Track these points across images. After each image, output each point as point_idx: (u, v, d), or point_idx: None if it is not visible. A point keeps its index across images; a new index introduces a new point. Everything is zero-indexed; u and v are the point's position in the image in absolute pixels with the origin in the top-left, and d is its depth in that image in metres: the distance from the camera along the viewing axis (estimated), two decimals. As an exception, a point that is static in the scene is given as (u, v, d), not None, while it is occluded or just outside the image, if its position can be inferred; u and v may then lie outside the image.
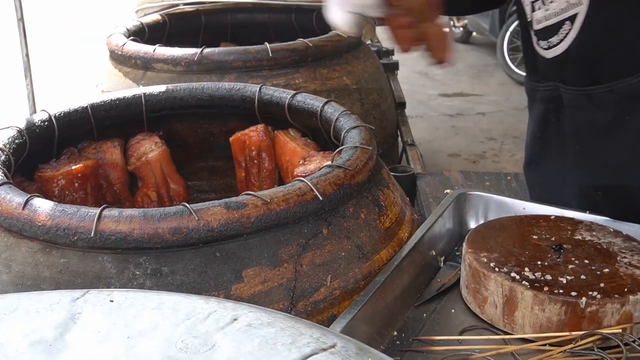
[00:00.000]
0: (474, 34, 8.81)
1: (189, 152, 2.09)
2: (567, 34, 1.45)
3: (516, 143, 5.02)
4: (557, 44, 1.49)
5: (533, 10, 1.53)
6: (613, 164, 1.55)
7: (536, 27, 1.54)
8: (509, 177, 2.11)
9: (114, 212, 1.22)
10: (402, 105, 3.39)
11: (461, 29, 8.91)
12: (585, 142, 1.57)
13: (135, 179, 1.95)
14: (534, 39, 1.56)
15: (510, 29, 7.22)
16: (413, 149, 2.79)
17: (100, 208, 1.23)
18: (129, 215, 1.21)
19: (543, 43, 1.54)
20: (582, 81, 1.51)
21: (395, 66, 3.97)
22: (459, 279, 1.44)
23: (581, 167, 1.60)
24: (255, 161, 1.92)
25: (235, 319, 0.79)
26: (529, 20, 1.56)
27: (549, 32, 1.50)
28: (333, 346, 0.75)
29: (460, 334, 1.31)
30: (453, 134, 5.64)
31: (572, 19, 1.44)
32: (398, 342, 1.29)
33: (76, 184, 1.71)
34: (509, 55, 7.18)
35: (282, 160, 1.88)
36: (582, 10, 1.41)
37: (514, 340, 1.27)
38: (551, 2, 1.46)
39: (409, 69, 7.56)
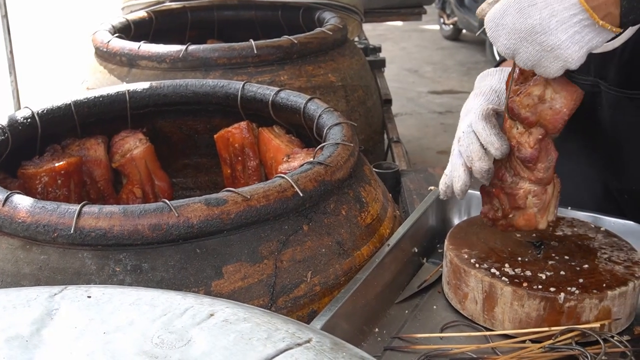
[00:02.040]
0: (464, 31, 8.81)
1: (174, 149, 2.09)
2: (621, 32, 1.33)
3: (504, 140, 4.98)
4: (609, 40, 1.37)
5: None
6: None
7: None
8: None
9: (94, 208, 1.22)
10: (388, 102, 3.39)
11: (451, 26, 8.91)
12: (622, 144, 1.52)
13: (119, 176, 1.95)
14: None
15: (499, 26, 7.21)
16: (398, 145, 2.79)
17: (80, 204, 1.22)
18: (108, 212, 1.21)
19: None
20: (626, 82, 1.45)
21: (382, 63, 3.97)
22: (440, 275, 1.44)
23: (611, 168, 1.55)
24: (240, 158, 1.92)
25: (211, 315, 0.79)
26: None
27: None
28: (308, 341, 0.75)
29: (442, 330, 1.31)
30: (442, 131, 5.64)
31: None
32: (379, 339, 1.29)
33: (59, 181, 1.71)
34: (498, 52, 7.19)
35: (266, 157, 1.88)
36: None
37: (495, 337, 1.28)
38: None
39: (399, 67, 7.57)
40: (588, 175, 1.60)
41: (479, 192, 1.64)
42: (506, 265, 1.31)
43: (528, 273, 1.28)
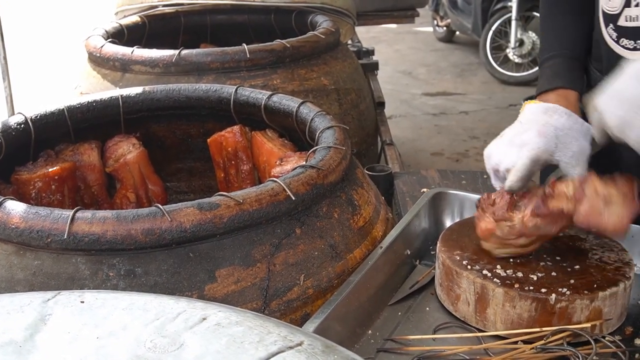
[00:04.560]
0: (457, 33, 8.83)
1: (167, 154, 2.09)
2: None
3: (498, 142, 5.00)
4: None
5: (628, 5, 1.37)
6: None
7: (624, 23, 1.39)
8: (485, 176, 2.12)
9: (87, 213, 1.23)
10: (381, 105, 3.40)
11: (444, 28, 8.93)
12: None
13: (113, 181, 1.95)
14: (612, 33, 1.42)
15: (493, 28, 7.24)
16: (391, 148, 2.80)
17: (73, 210, 1.23)
18: (102, 217, 1.22)
19: (627, 42, 1.40)
20: None
21: (375, 66, 3.98)
22: (433, 277, 1.45)
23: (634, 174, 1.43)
24: (233, 162, 1.93)
25: (204, 319, 0.79)
26: (612, 12, 1.42)
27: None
28: (300, 344, 0.76)
29: (435, 331, 1.32)
30: (436, 132, 5.65)
31: None
32: (372, 341, 1.30)
33: (53, 187, 1.71)
34: (491, 54, 7.20)
35: (259, 160, 1.89)
36: None
37: (487, 338, 1.28)
38: None
39: (393, 69, 7.58)
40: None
41: (472, 195, 1.66)
42: (498, 266, 1.32)
43: (519, 274, 1.29)
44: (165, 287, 1.22)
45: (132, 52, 2.42)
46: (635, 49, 1.39)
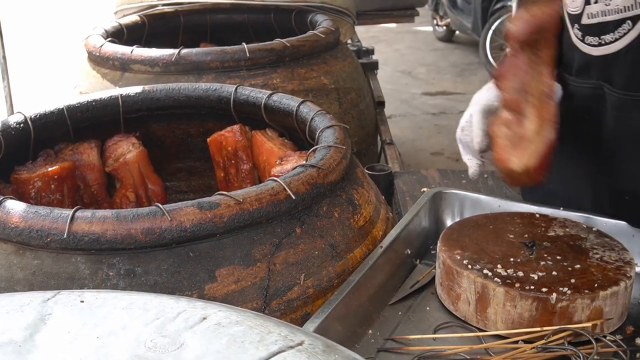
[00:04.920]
0: (457, 32, 8.83)
1: (167, 153, 2.09)
2: (625, 33, 1.37)
3: (498, 141, 4.99)
4: (612, 42, 1.41)
5: (588, 3, 1.43)
6: None
7: (586, 21, 1.44)
8: (485, 175, 2.12)
9: (87, 213, 1.22)
10: (381, 104, 3.40)
11: (444, 28, 8.93)
12: (624, 147, 1.49)
13: (112, 180, 1.95)
14: (577, 32, 1.47)
15: (493, 27, 7.24)
16: (391, 147, 2.80)
17: (73, 209, 1.23)
18: (102, 216, 1.21)
19: (591, 39, 1.45)
20: (631, 85, 1.42)
21: (375, 65, 3.98)
22: (434, 277, 1.45)
23: (613, 170, 1.53)
24: (233, 161, 1.92)
25: (204, 318, 0.79)
26: (575, 12, 1.47)
27: (603, 28, 1.42)
28: (300, 344, 0.75)
29: (435, 331, 1.32)
30: (436, 132, 5.65)
31: (634, 19, 1.36)
32: (373, 340, 1.29)
33: (53, 186, 1.71)
34: (491, 53, 7.20)
35: (259, 160, 1.88)
36: None
37: (487, 337, 1.28)
38: None
39: (392, 68, 7.58)
40: (589, 176, 1.59)
41: (472, 194, 1.66)
42: (498, 266, 1.31)
43: (520, 274, 1.29)
44: (165, 287, 1.22)
45: (131, 52, 2.42)
46: (599, 44, 1.42)
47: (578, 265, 1.31)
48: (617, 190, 1.54)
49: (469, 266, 1.32)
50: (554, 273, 1.29)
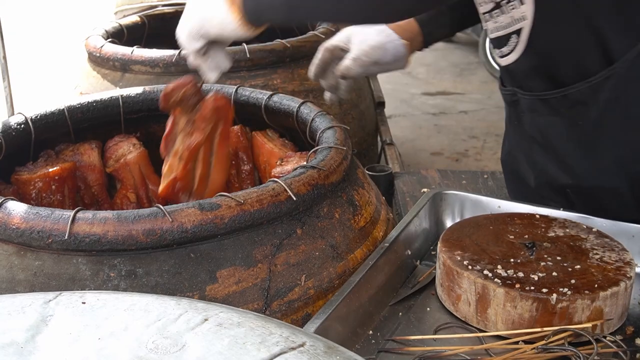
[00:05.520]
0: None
1: (168, 154, 2.08)
2: (515, 45, 1.52)
3: (498, 141, 5.03)
4: (508, 53, 1.55)
5: (486, 20, 1.58)
6: (574, 165, 1.58)
7: (490, 35, 1.60)
8: (485, 176, 2.13)
9: (88, 214, 1.22)
10: (381, 104, 3.40)
11: (443, 27, 8.90)
12: (546, 144, 1.61)
13: (113, 181, 1.95)
14: (491, 46, 1.63)
15: (492, 27, 7.23)
16: (391, 148, 2.80)
17: (74, 210, 1.23)
18: (103, 217, 1.22)
19: (497, 51, 1.59)
20: (536, 87, 1.56)
21: (375, 66, 3.97)
22: (434, 277, 1.45)
23: (547, 166, 1.63)
24: (234, 162, 1.92)
25: (205, 320, 0.79)
26: (486, 28, 1.61)
27: (500, 42, 1.56)
28: (302, 345, 0.76)
29: (435, 331, 1.32)
30: (436, 132, 5.65)
31: (518, 32, 1.49)
32: (373, 341, 1.30)
33: (53, 187, 1.71)
34: (491, 53, 7.19)
35: (260, 160, 1.88)
36: (526, 25, 1.47)
37: (488, 338, 1.28)
38: (498, 16, 1.51)
39: (392, 68, 7.56)
40: (532, 173, 1.68)
41: (472, 195, 1.66)
42: (499, 266, 1.32)
43: (520, 274, 1.29)
44: (167, 288, 1.22)
45: (132, 52, 2.43)
46: (503, 56, 1.58)
47: (578, 266, 1.32)
48: (557, 184, 1.62)
49: (469, 267, 1.32)
50: (554, 274, 1.29)
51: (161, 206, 1.24)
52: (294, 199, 1.32)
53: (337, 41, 1.76)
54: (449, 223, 1.65)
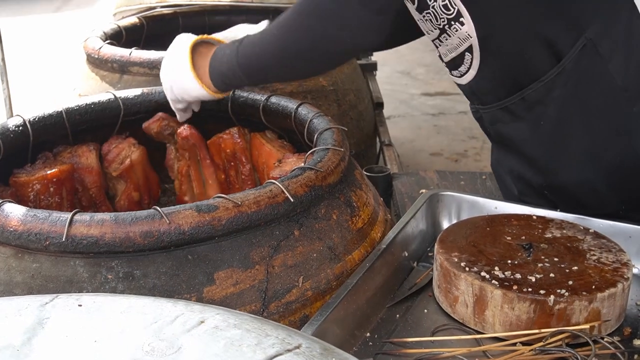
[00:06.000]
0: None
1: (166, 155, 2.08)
2: (471, 62, 1.57)
3: (497, 142, 4.99)
4: (466, 72, 1.60)
5: (437, 46, 1.64)
6: (544, 166, 1.61)
7: (445, 59, 1.65)
8: (484, 176, 2.12)
9: (86, 216, 1.22)
10: (380, 105, 3.39)
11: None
12: (516, 149, 1.65)
13: (110, 183, 1.95)
14: (447, 70, 1.68)
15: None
16: (390, 149, 2.79)
17: (71, 212, 1.23)
18: (100, 220, 1.22)
19: (455, 72, 1.64)
20: (496, 98, 1.61)
21: (373, 66, 3.97)
22: (431, 279, 1.45)
23: (521, 171, 1.67)
24: (232, 163, 1.93)
25: (202, 322, 0.79)
26: (438, 54, 1.68)
27: (456, 62, 1.61)
28: (298, 347, 0.76)
29: (433, 333, 1.32)
30: (435, 133, 5.64)
31: (469, 49, 1.54)
32: (371, 343, 1.30)
33: (51, 189, 1.71)
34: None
35: (258, 162, 1.89)
36: (474, 42, 1.52)
37: (485, 339, 1.29)
38: (447, 39, 1.57)
39: (391, 69, 7.56)
40: (512, 175, 1.72)
41: (469, 196, 1.66)
42: (496, 268, 1.32)
43: (518, 276, 1.29)
44: (164, 290, 1.22)
45: (130, 54, 2.42)
46: (461, 75, 1.63)
47: (575, 267, 1.32)
48: (536, 184, 1.65)
49: (467, 268, 1.32)
50: (552, 275, 1.29)
51: (158, 208, 1.24)
52: (292, 200, 1.33)
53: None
54: (446, 224, 1.65)
